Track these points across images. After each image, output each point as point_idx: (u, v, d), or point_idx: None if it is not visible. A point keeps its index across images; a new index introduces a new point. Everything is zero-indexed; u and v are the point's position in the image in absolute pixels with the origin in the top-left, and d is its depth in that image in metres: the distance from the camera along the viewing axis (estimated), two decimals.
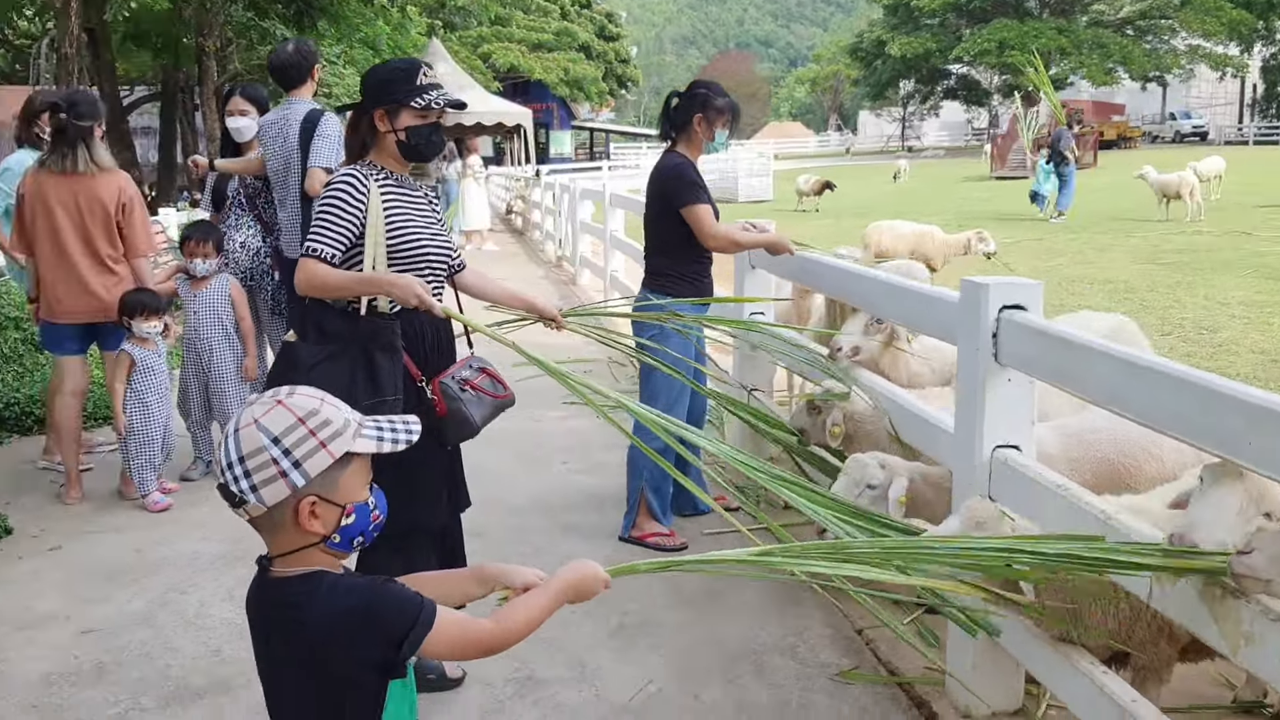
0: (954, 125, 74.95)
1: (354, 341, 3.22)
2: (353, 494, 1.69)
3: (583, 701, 3.47)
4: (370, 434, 1.69)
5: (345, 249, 3.23)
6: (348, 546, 1.72)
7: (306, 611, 1.65)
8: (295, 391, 1.70)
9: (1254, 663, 2.16)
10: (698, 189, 4.60)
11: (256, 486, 1.63)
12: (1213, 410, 2.21)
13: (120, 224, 5.30)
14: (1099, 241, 15.40)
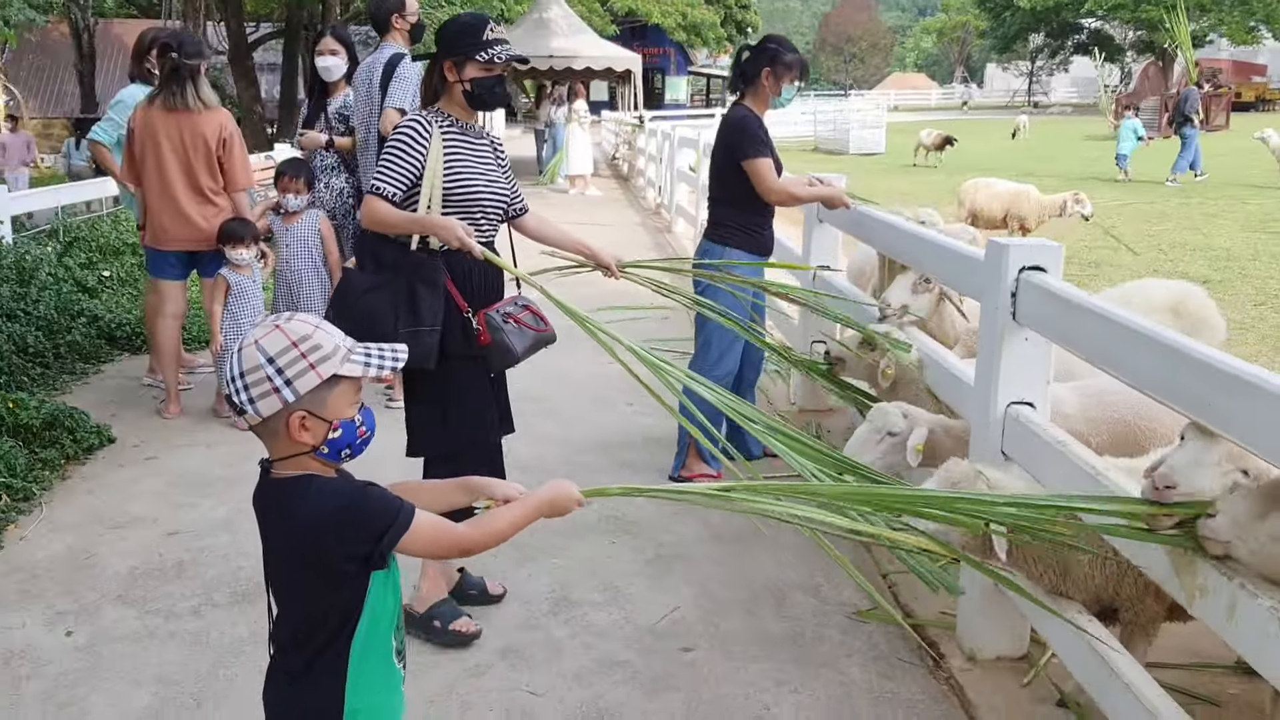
0: (1084, 81, 72.16)
1: (401, 273, 3.47)
2: (340, 411, 1.87)
3: (611, 622, 3.71)
4: (358, 359, 1.86)
5: (406, 188, 3.47)
6: (335, 457, 1.90)
7: (297, 509, 1.86)
8: (293, 318, 1.88)
9: (1205, 613, 2.27)
10: (760, 143, 4.70)
11: (254, 399, 1.82)
12: (1183, 372, 2.30)
13: (221, 158, 5.64)
14: (1211, 207, 14.91)
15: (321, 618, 1.91)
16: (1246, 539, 2.14)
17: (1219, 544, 2.19)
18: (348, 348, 1.88)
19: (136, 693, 3.27)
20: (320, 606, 1.90)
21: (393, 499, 1.90)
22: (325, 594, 1.89)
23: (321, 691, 1.91)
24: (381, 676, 1.97)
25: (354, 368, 1.86)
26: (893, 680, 3.34)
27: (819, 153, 31.50)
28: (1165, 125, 33.22)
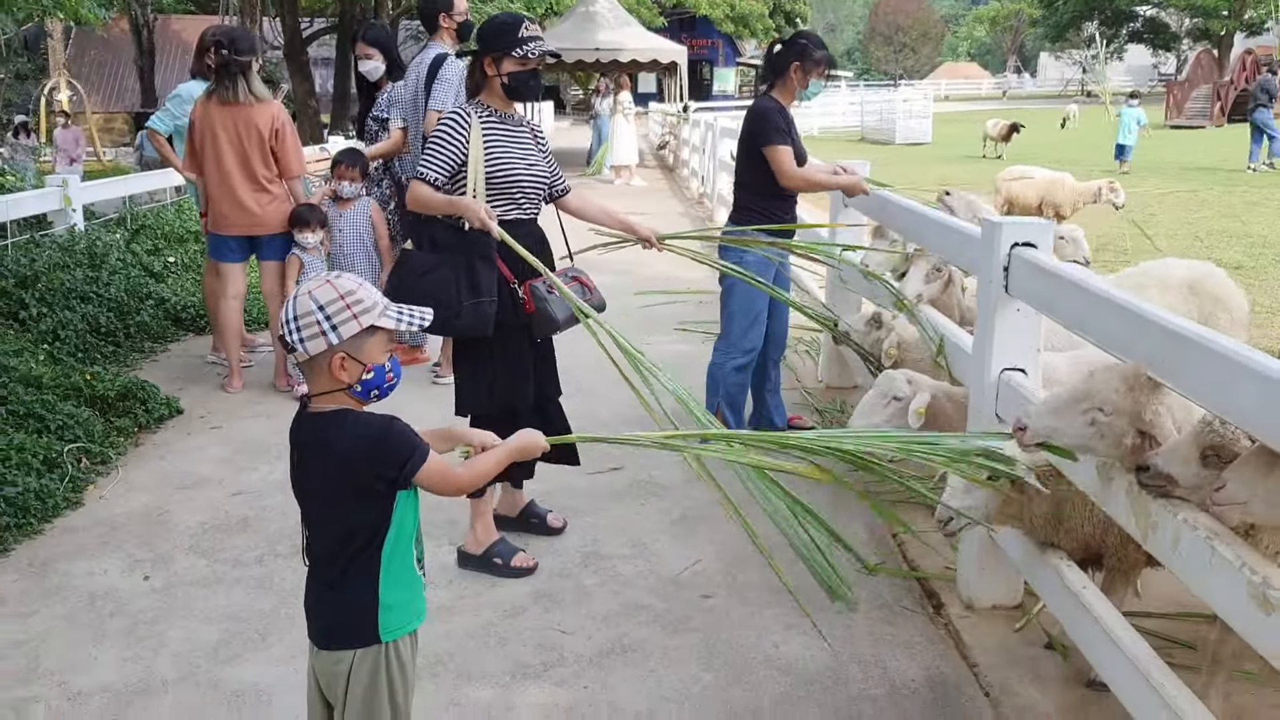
0: (1139, 70, 71.24)
1: (459, 251, 3.85)
2: (374, 357, 2.20)
3: (636, 573, 4.03)
4: (392, 314, 2.20)
5: (449, 174, 3.83)
6: (366, 396, 2.23)
7: (336, 437, 2.19)
8: (341, 275, 2.21)
9: (1155, 547, 2.54)
10: (781, 132, 4.99)
11: (304, 339, 2.14)
12: (1140, 333, 2.57)
13: (274, 147, 6.01)
14: (1254, 195, 14.92)
15: (355, 532, 2.23)
16: (1262, 495, 2.24)
17: (1237, 507, 2.29)
18: (385, 304, 2.20)
19: (207, 628, 3.64)
20: (354, 522, 2.22)
21: (414, 434, 2.25)
22: (359, 511, 2.21)
23: (358, 592, 2.25)
24: (407, 579, 2.30)
25: (389, 320, 2.19)
26: (894, 625, 3.63)
27: (865, 142, 31.54)
28: (1217, 114, 32.92)
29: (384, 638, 2.27)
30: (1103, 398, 2.57)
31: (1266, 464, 2.22)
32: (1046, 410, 2.69)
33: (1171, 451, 2.46)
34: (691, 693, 3.25)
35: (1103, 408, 2.57)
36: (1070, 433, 2.62)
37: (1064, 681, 3.28)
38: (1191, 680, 2.80)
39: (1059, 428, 2.65)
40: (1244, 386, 2.15)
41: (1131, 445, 2.62)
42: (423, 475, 2.22)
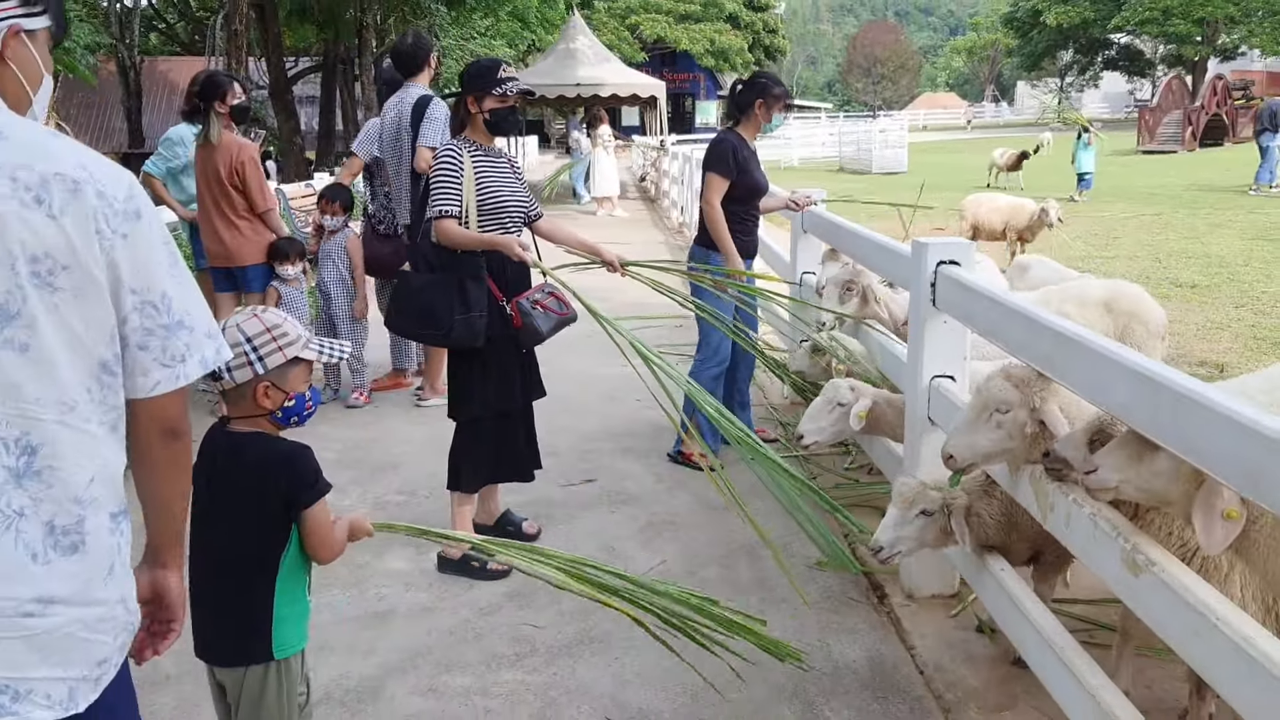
0: (1115, 97, 72.33)
1: (451, 272, 4.26)
2: (296, 386, 2.39)
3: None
4: (314, 347, 2.40)
5: (462, 205, 4.19)
6: (285, 422, 2.41)
7: (249, 452, 2.36)
8: (268, 310, 2.40)
9: (1053, 526, 2.86)
10: (723, 163, 5.48)
11: (231, 369, 2.30)
12: (1035, 336, 2.90)
13: (236, 185, 6.25)
14: (1217, 217, 15.35)
15: (254, 550, 2.37)
16: (1133, 479, 2.47)
17: (1108, 490, 2.54)
18: (307, 338, 2.41)
19: None
20: (254, 539, 2.37)
21: (318, 468, 2.42)
22: (260, 528, 2.38)
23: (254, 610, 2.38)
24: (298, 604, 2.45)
25: (310, 353, 2.41)
26: (840, 615, 3.94)
27: (844, 172, 32.06)
28: (1189, 139, 33.55)
29: (276, 654, 2.40)
30: (997, 399, 2.92)
31: (1133, 450, 2.48)
32: (962, 434, 3.02)
33: (1067, 439, 2.79)
34: (651, 675, 3.55)
35: (999, 408, 2.90)
36: (987, 442, 2.95)
37: (991, 660, 3.59)
38: (1105, 657, 3.11)
39: (976, 441, 2.98)
40: (1118, 381, 2.47)
41: (1033, 434, 2.94)
42: (314, 512, 2.37)
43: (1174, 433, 2.18)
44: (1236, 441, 1.95)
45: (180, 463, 1.86)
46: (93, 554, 1.68)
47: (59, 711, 1.65)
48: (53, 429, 1.62)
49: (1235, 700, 2.04)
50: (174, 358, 1.73)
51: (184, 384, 1.76)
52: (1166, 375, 2.24)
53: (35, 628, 1.62)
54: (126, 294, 1.69)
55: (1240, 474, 1.96)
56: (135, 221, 1.69)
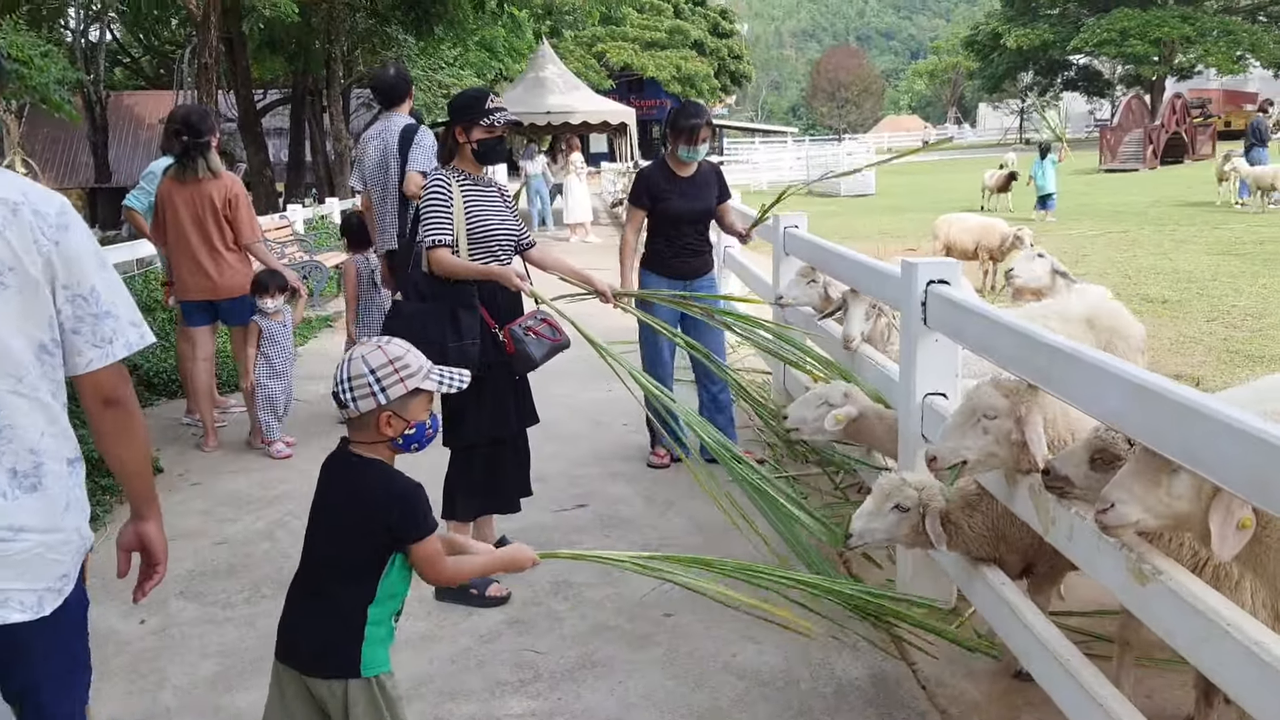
0: (1076, 117, 73.35)
1: (443, 300, 4.28)
2: (417, 415, 2.49)
3: (604, 597, 4.35)
4: (434, 378, 2.49)
5: (453, 234, 4.20)
6: (406, 448, 2.51)
7: (366, 481, 2.49)
8: (392, 341, 2.50)
9: (1055, 539, 2.90)
10: (635, 195, 5.98)
11: (356, 399, 2.44)
12: (1031, 352, 2.96)
13: (228, 217, 6.35)
14: (1182, 233, 15.59)
15: (353, 570, 2.49)
16: (1154, 508, 2.36)
17: (1128, 527, 2.41)
18: (429, 368, 2.50)
19: (204, 662, 3.91)
20: (355, 561, 2.49)
21: (429, 508, 2.52)
22: (361, 552, 2.49)
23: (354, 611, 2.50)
24: (386, 630, 2.56)
25: (431, 384, 2.49)
26: (841, 633, 3.96)
27: (812, 195, 32.28)
28: (1150, 157, 34.06)
29: (365, 672, 2.50)
30: (986, 405, 2.98)
31: (1149, 477, 2.37)
32: (948, 436, 3.09)
33: (1067, 456, 2.83)
34: (657, 698, 3.56)
35: (987, 413, 2.96)
36: (972, 446, 3.01)
37: (993, 674, 3.63)
38: (1104, 668, 3.15)
39: (962, 445, 3.04)
40: (1112, 391, 2.52)
41: (1018, 444, 2.99)
42: (422, 547, 2.47)
43: (1178, 444, 2.23)
44: (1244, 451, 2.00)
45: (127, 427, 2.28)
46: (50, 492, 2.14)
47: (30, 615, 2.12)
48: (7, 396, 2.08)
49: (1249, 704, 2.08)
50: (103, 339, 2.17)
51: (112, 361, 2.18)
52: (1168, 387, 2.30)
53: (9, 550, 2.08)
54: (60, 289, 2.13)
55: (1248, 483, 2.01)
56: (65, 232, 2.13)
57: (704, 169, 5.92)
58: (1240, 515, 2.23)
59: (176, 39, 29.05)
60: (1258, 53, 53.81)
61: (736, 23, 62.49)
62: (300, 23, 20.77)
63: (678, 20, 53.84)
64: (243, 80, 21.65)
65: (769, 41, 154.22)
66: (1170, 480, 2.35)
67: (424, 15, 21.56)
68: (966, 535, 3.45)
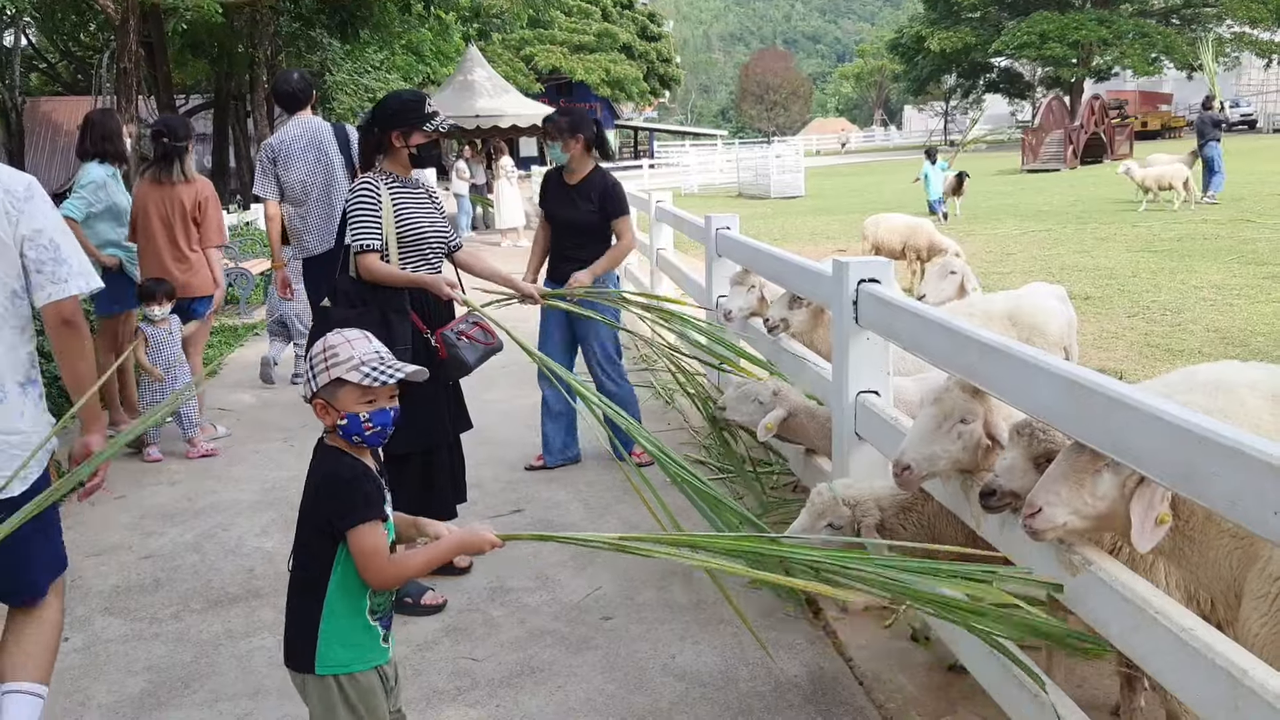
0: (998, 118, 74.65)
1: (373, 306, 4.21)
2: (347, 406, 2.42)
3: (541, 602, 4.31)
4: (362, 370, 2.41)
5: (382, 238, 4.14)
6: (349, 439, 2.46)
7: (316, 466, 2.50)
8: (342, 333, 2.48)
9: (987, 533, 2.94)
10: (541, 197, 5.93)
11: (303, 383, 2.53)
12: (960, 348, 2.99)
13: (196, 219, 6.55)
14: (1103, 231, 15.94)
15: (310, 560, 2.47)
16: (1080, 509, 2.37)
17: (1055, 529, 2.39)
18: (361, 360, 2.43)
19: (132, 679, 3.80)
20: (310, 550, 2.48)
21: (373, 502, 2.44)
22: (312, 541, 2.48)
23: (303, 616, 2.49)
24: (353, 624, 2.46)
25: (353, 375, 2.42)
26: (778, 630, 3.97)
27: (743, 198, 32.50)
28: (1070, 156, 34.81)
29: (318, 669, 2.43)
30: (960, 409, 2.94)
31: (1073, 479, 2.38)
32: (919, 444, 2.98)
33: (1009, 470, 2.69)
34: (596, 702, 3.53)
35: (964, 418, 2.94)
36: (945, 453, 2.95)
37: (928, 668, 3.67)
38: (1038, 658, 3.19)
39: (935, 452, 2.96)
40: (1041, 385, 2.56)
41: (985, 448, 3.00)
42: (354, 537, 2.39)
43: (1106, 436, 2.26)
44: (1169, 440, 2.04)
45: (80, 344, 3.01)
46: (10, 403, 2.93)
47: None
48: None
49: (1178, 688, 2.12)
50: (60, 280, 2.93)
51: (67, 295, 2.93)
52: (1097, 380, 2.33)
53: None
54: (26, 243, 2.89)
55: (1172, 471, 2.05)
56: (29, 203, 2.91)
57: (594, 180, 5.70)
58: (1159, 510, 2.26)
59: (94, 44, 28.37)
60: (1171, 55, 55.23)
61: (663, 25, 62.69)
62: (223, 26, 20.40)
63: (606, 24, 53.82)
64: (164, 85, 21.20)
65: (697, 45, 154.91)
66: (1094, 481, 2.37)
67: (349, 18, 21.28)
68: (902, 538, 3.47)
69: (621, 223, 5.76)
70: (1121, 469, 2.33)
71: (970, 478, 3.01)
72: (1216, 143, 20.05)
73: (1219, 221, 16.15)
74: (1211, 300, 9.99)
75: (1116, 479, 2.34)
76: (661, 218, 9.04)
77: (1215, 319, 9.17)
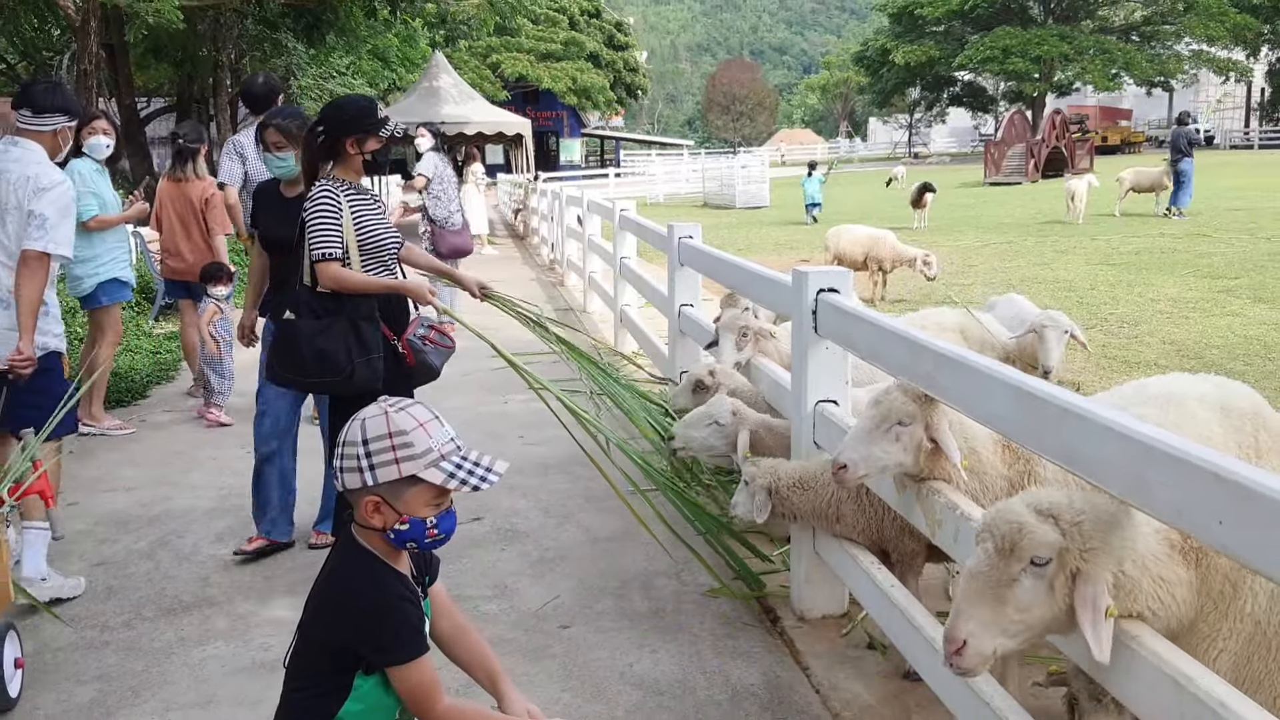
0: (961, 131, 75.57)
1: (341, 315, 4.13)
2: (413, 509, 2.00)
3: (499, 610, 4.29)
4: (445, 468, 1.99)
5: (344, 246, 4.10)
6: (400, 545, 2.05)
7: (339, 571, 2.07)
8: (405, 408, 2.01)
9: (942, 541, 2.96)
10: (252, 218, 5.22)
11: (344, 470, 1.99)
12: (916, 357, 3.01)
13: (203, 212, 7.66)
14: (1062, 244, 16.14)
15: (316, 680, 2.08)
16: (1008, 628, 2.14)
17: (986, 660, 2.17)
18: (441, 454, 2.01)
19: (81, 689, 3.74)
20: (317, 670, 2.08)
21: (420, 630, 2.09)
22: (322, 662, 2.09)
23: None
24: None
25: (435, 474, 1.99)
26: (735, 639, 3.98)
27: (708, 208, 32.61)
28: (1032, 170, 35.22)
29: None
30: (898, 411, 2.98)
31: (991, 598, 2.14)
32: (858, 444, 3.02)
33: None
34: (552, 711, 3.50)
35: (900, 420, 2.97)
36: (883, 454, 2.99)
37: (884, 676, 3.68)
38: (993, 666, 3.21)
39: (873, 453, 3.00)
40: (996, 395, 2.58)
41: (928, 451, 3.02)
42: (405, 675, 2.03)
43: (1058, 447, 2.28)
44: (1122, 450, 2.05)
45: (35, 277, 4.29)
46: None
47: None
48: None
49: (1122, 693, 2.14)
50: (36, 239, 4.30)
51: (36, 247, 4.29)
52: (1049, 391, 2.35)
53: None
54: (32, 215, 4.32)
55: (1125, 483, 2.06)
56: (44, 193, 4.36)
57: None
58: (1105, 604, 2.06)
59: (55, 46, 28.03)
60: (1131, 70, 56.15)
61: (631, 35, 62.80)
62: (186, 30, 20.21)
63: (573, 32, 53.87)
64: (125, 88, 20.96)
65: (664, 55, 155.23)
66: (1015, 592, 2.12)
67: (315, 23, 21.13)
68: (797, 508, 3.68)
69: None
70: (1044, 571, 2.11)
71: (916, 483, 3.05)
72: (1190, 159, 20.30)
73: (1176, 235, 16.39)
74: (1168, 313, 10.13)
75: (1040, 582, 2.11)
76: (625, 226, 9.06)
77: (1171, 331, 9.29)
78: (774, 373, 4.54)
